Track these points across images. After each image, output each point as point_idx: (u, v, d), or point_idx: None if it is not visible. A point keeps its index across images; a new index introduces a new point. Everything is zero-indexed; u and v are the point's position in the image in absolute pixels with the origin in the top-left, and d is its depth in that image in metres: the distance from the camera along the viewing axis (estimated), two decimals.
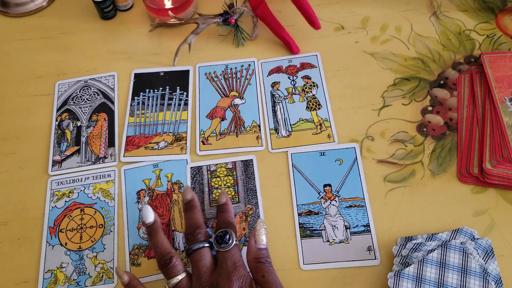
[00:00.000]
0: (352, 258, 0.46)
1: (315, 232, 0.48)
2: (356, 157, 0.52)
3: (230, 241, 0.42)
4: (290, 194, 0.50)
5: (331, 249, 0.47)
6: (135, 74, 0.60)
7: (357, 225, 0.48)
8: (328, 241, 0.47)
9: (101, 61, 0.62)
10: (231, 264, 0.41)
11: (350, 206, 0.49)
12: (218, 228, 0.44)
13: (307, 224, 0.48)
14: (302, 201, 0.50)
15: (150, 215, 0.44)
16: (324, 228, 0.48)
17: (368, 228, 0.48)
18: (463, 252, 0.42)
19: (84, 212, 0.51)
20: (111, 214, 0.50)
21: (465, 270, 0.42)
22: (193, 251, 0.42)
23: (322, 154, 0.52)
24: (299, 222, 0.49)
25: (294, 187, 0.51)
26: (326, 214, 0.49)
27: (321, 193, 0.50)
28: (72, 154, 0.54)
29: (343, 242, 0.47)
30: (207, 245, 0.43)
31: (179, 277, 0.41)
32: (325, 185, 0.50)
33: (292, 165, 0.52)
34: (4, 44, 0.65)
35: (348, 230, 0.48)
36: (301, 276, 0.46)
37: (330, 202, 0.49)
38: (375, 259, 0.46)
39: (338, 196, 0.50)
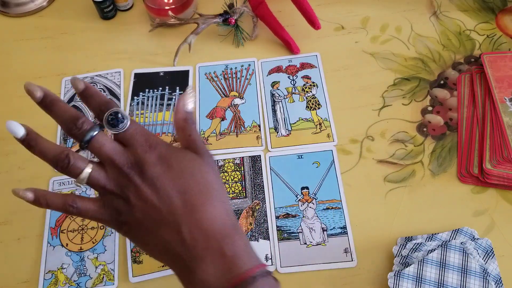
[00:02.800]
0: (329, 260, 0.46)
1: (292, 234, 0.48)
2: (333, 159, 0.52)
3: (125, 119, 0.36)
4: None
5: (308, 251, 0.47)
6: (135, 74, 0.60)
7: (334, 227, 0.48)
8: (305, 243, 0.47)
9: (101, 61, 0.62)
10: (140, 138, 0.36)
11: (327, 209, 0.49)
12: (100, 113, 0.36)
13: (285, 227, 0.48)
14: (279, 204, 0.50)
15: (18, 128, 0.37)
16: (301, 231, 0.48)
17: (345, 230, 0.48)
18: (463, 252, 0.42)
19: None
20: None
21: (465, 270, 0.42)
22: (88, 142, 0.35)
23: (300, 157, 0.52)
24: (276, 225, 0.48)
25: (272, 190, 0.51)
26: (303, 216, 0.49)
27: (298, 196, 0.50)
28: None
29: (320, 244, 0.47)
30: (98, 130, 0.35)
31: (88, 170, 0.35)
32: (302, 188, 0.51)
33: (270, 168, 0.52)
34: (4, 44, 0.65)
35: (325, 232, 0.48)
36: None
37: (308, 205, 0.49)
38: (352, 260, 0.46)
39: (315, 199, 0.50)
